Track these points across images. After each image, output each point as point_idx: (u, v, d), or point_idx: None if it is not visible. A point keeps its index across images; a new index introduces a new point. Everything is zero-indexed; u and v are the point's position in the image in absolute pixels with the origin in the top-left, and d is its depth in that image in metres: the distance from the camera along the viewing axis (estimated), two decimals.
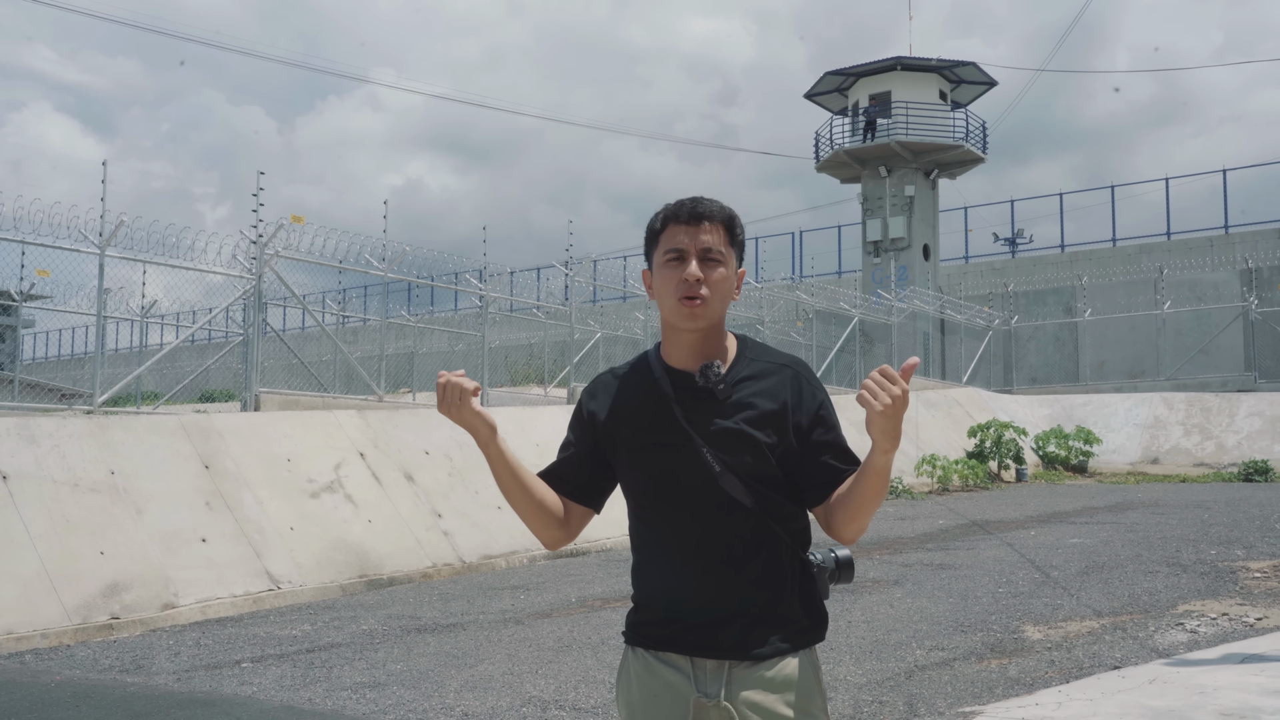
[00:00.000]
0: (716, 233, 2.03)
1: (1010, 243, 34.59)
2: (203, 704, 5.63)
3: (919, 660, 6.24)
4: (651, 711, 2.04)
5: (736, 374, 2.06)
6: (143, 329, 20.14)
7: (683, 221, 2.03)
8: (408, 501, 10.52)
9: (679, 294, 2.01)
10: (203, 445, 9.47)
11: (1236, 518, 12.15)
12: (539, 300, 18.22)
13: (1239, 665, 5.76)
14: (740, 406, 2.02)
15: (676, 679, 2.02)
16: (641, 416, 2.07)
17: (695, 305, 2.00)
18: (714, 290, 2.02)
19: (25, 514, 7.87)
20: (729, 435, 2.00)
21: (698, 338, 2.05)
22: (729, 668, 1.99)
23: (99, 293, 11.41)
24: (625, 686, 2.11)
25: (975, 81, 30.97)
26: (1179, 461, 20.10)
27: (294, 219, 12.40)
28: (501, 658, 6.60)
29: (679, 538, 2.03)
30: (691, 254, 2.02)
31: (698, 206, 2.04)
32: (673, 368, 2.08)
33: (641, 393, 2.09)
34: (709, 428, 2.01)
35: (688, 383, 2.05)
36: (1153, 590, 8.11)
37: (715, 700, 1.98)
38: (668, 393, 2.05)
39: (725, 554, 2.01)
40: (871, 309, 23.85)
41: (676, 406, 2.04)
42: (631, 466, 2.08)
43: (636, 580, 2.13)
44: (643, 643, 2.08)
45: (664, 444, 2.03)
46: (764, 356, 2.11)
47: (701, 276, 2.00)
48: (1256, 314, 24.63)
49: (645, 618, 2.08)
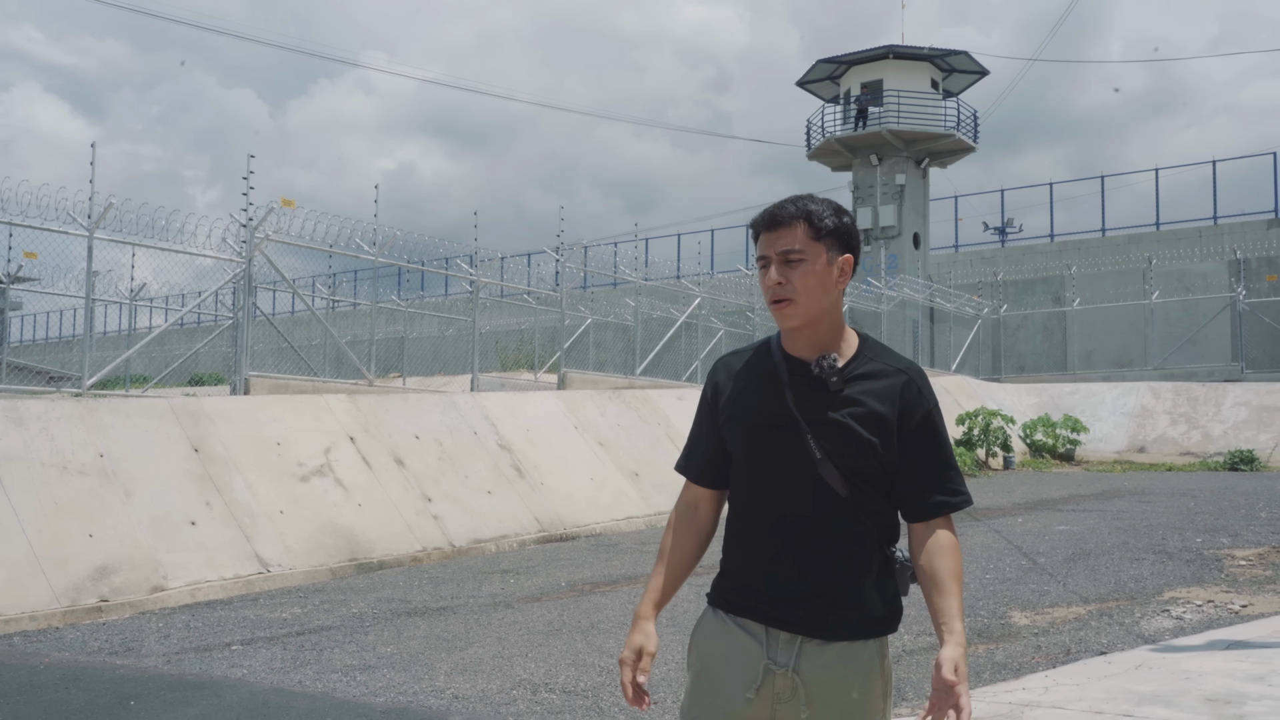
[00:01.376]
0: (794, 233, 2.13)
1: (1000, 232, 34.67)
2: (193, 686, 5.64)
3: (906, 645, 6.28)
4: (721, 669, 2.16)
5: (852, 370, 2.16)
6: (131, 312, 20.05)
7: (764, 229, 2.18)
8: (398, 485, 10.52)
9: (768, 298, 2.16)
10: (192, 428, 9.44)
11: (1222, 506, 12.24)
12: (530, 286, 18.19)
13: (1224, 651, 5.81)
14: (850, 402, 2.12)
15: (749, 644, 2.14)
16: (756, 397, 2.19)
17: (782, 306, 2.13)
18: (799, 288, 2.12)
19: (13, 497, 7.84)
20: (835, 427, 2.11)
21: (806, 331, 2.17)
22: (800, 642, 2.10)
23: (88, 275, 11.35)
24: (700, 640, 2.24)
25: (967, 71, 30.97)
26: (1165, 450, 20.21)
27: (284, 203, 12.34)
28: (491, 641, 6.62)
29: (771, 515, 2.14)
30: (772, 259, 2.15)
31: (775, 212, 2.16)
32: (791, 355, 2.20)
33: (760, 375, 2.21)
34: (817, 416, 2.12)
35: (803, 370, 2.17)
36: (1139, 577, 8.17)
37: (784, 669, 2.09)
38: (783, 377, 2.17)
39: (813, 537, 2.11)
40: (861, 297, 23.88)
41: (789, 391, 2.15)
42: (739, 443, 2.20)
43: (727, 549, 2.25)
44: (724, 605, 2.21)
45: (772, 425, 2.14)
46: (882, 358, 2.20)
47: (782, 280, 2.12)
48: (1244, 304, 24.75)
49: (729, 584, 2.21)
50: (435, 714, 5.08)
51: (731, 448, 2.22)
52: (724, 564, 2.25)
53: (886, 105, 29.41)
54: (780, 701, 2.09)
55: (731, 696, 2.12)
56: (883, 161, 29.96)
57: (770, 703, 2.10)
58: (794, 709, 2.08)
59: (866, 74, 30.07)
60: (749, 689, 2.10)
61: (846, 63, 30.42)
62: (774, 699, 2.09)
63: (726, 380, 2.26)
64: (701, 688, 2.19)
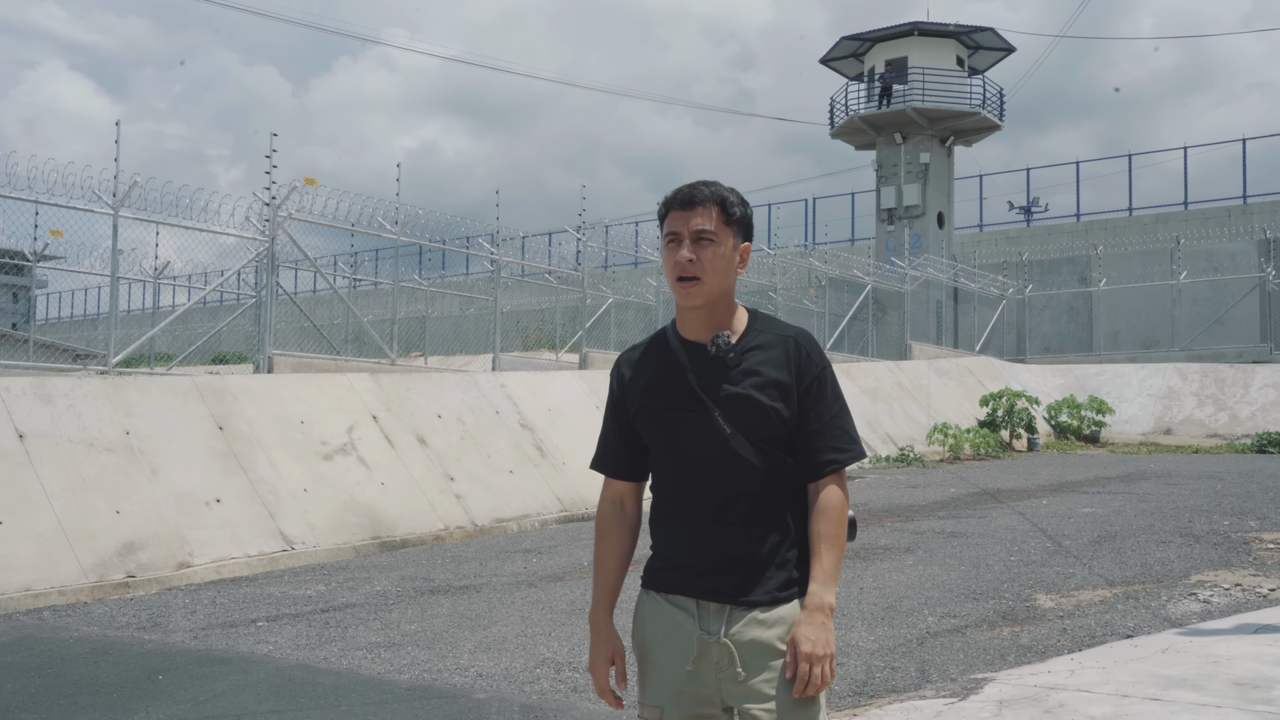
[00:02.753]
0: (708, 214, 2.22)
1: (1025, 211, 34.32)
2: (219, 661, 5.68)
3: (931, 627, 6.25)
4: (662, 646, 2.26)
5: (746, 343, 2.25)
6: (155, 290, 20.18)
7: (678, 207, 2.24)
8: (420, 464, 10.55)
9: (675, 274, 2.22)
10: (216, 406, 9.50)
11: (1250, 489, 12.11)
12: (551, 265, 18.17)
13: (1252, 635, 5.75)
14: (748, 374, 2.21)
15: (683, 619, 2.24)
16: (661, 385, 2.27)
17: (690, 285, 2.21)
18: (707, 268, 2.20)
19: (42, 473, 7.92)
20: (738, 400, 2.19)
21: (704, 312, 2.25)
22: (729, 610, 2.20)
23: (113, 253, 11.41)
24: (639, 625, 2.34)
25: (993, 48, 30.60)
26: (1192, 432, 20.03)
27: (307, 181, 12.36)
28: (515, 619, 6.64)
29: (691, 493, 2.24)
30: (685, 237, 2.22)
31: (691, 192, 2.24)
32: (687, 340, 2.28)
33: (660, 364, 2.29)
34: (719, 393, 2.20)
35: (701, 352, 2.25)
36: (1165, 560, 8.10)
37: (716, 637, 2.18)
38: (683, 362, 2.25)
39: (733, 509, 2.20)
40: (885, 277, 23.73)
41: (691, 375, 2.23)
42: (652, 430, 2.28)
43: (654, 531, 2.35)
44: (656, 586, 2.31)
45: (681, 409, 2.23)
46: (771, 328, 2.29)
47: (693, 258, 2.20)
48: (1273, 284, 24.44)
49: (660, 564, 2.31)
50: (459, 691, 5.10)
51: (646, 437, 2.30)
52: (654, 546, 2.34)
53: (911, 83, 29.11)
54: (720, 670, 2.18)
55: (676, 672, 2.22)
56: (907, 140, 29.69)
57: (713, 672, 2.18)
58: (731, 674, 2.17)
59: (891, 51, 29.75)
60: (687, 661, 2.20)
61: (871, 40, 30.11)
62: (715, 669, 2.18)
63: (630, 373, 2.34)
64: (649, 670, 2.28)
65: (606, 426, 2.42)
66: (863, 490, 13.28)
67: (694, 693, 2.21)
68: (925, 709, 4.53)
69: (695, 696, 2.21)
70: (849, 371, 18.53)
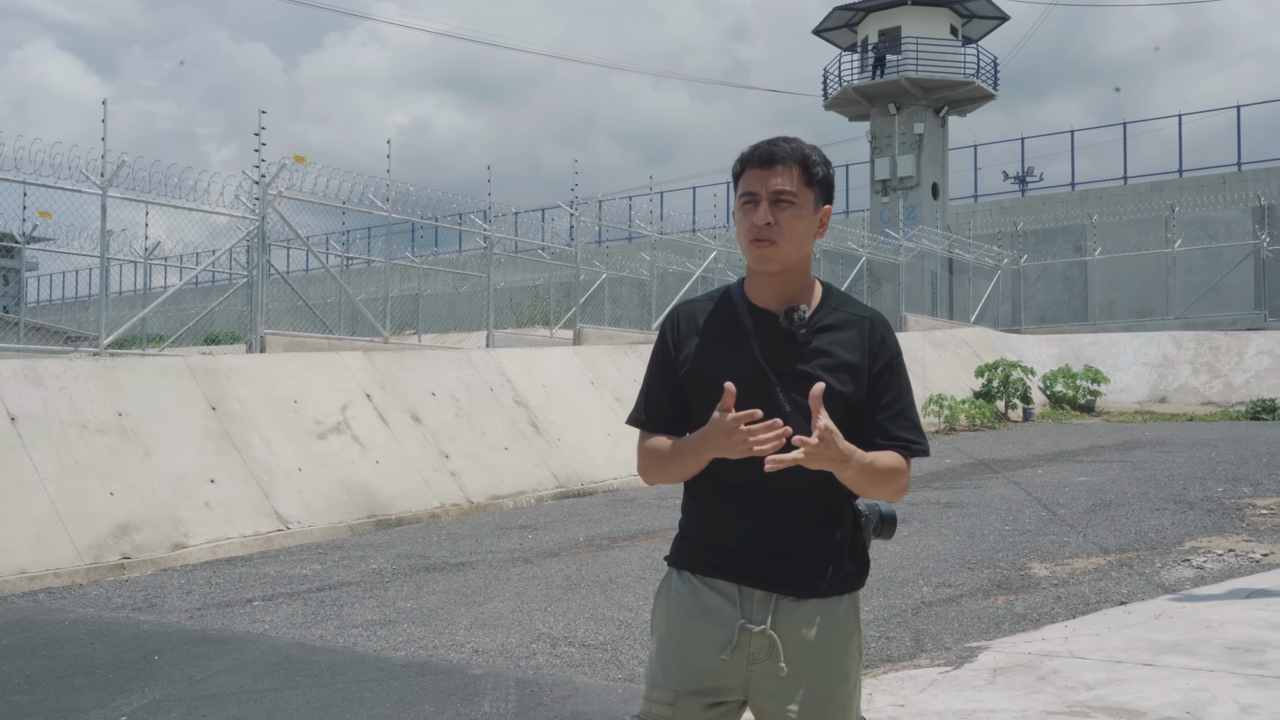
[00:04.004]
0: (789, 174, 2.06)
1: (1020, 181, 34.25)
2: (215, 641, 5.69)
3: (926, 597, 6.27)
4: (690, 630, 2.09)
5: (819, 321, 2.09)
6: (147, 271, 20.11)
7: (755, 165, 2.08)
8: (415, 442, 10.54)
9: (750, 236, 2.06)
10: (209, 387, 9.47)
11: (1244, 455, 12.14)
12: (544, 241, 18.09)
13: (1245, 600, 5.78)
14: (819, 353, 2.06)
15: (721, 604, 2.07)
16: (720, 348, 2.09)
17: (765, 247, 2.04)
18: (786, 231, 2.05)
19: (35, 455, 7.90)
20: (804, 379, 2.02)
21: (778, 279, 2.09)
22: (775, 600, 2.05)
23: (102, 234, 11.35)
24: (664, 603, 2.16)
25: (987, 16, 30.40)
26: (1187, 400, 20.06)
27: (296, 159, 12.27)
28: (510, 596, 6.65)
29: (740, 473, 2.03)
30: (763, 197, 2.05)
31: (771, 149, 2.07)
32: (755, 305, 2.12)
33: (723, 325, 2.12)
34: (785, 369, 2.05)
35: (769, 322, 2.09)
36: (1159, 527, 8.13)
37: (761, 628, 2.03)
38: (748, 328, 2.09)
39: (784, 493, 2.04)
40: (879, 248, 23.67)
41: (756, 343, 2.07)
42: (704, 395, 2.07)
43: (691, 511, 2.17)
44: (690, 567, 2.13)
45: (739, 377, 2.02)
46: (846, 307, 2.14)
47: (771, 220, 2.04)
48: (1268, 252, 24.42)
49: (695, 544, 2.13)
50: (455, 667, 5.11)
51: (694, 401, 2.11)
52: (685, 525, 2.18)
53: (904, 53, 28.94)
54: (756, 661, 2.04)
55: (704, 658, 2.06)
56: (901, 110, 29.55)
57: (746, 663, 2.04)
58: (771, 667, 2.03)
59: (884, 21, 29.55)
60: (723, 649, 2.04)
61: (864, 9, 29.90)
62: (749, 658, 2.04)
63: (688, 330, 2.15)
64: (669, 650, 2.11)
65: (650, 380, 2.19)
66: None
67: (716, 683, 2.06)
68: (920, 678, 4.55)
69: (717, 686, 2.06)
70: None
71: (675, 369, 2.15)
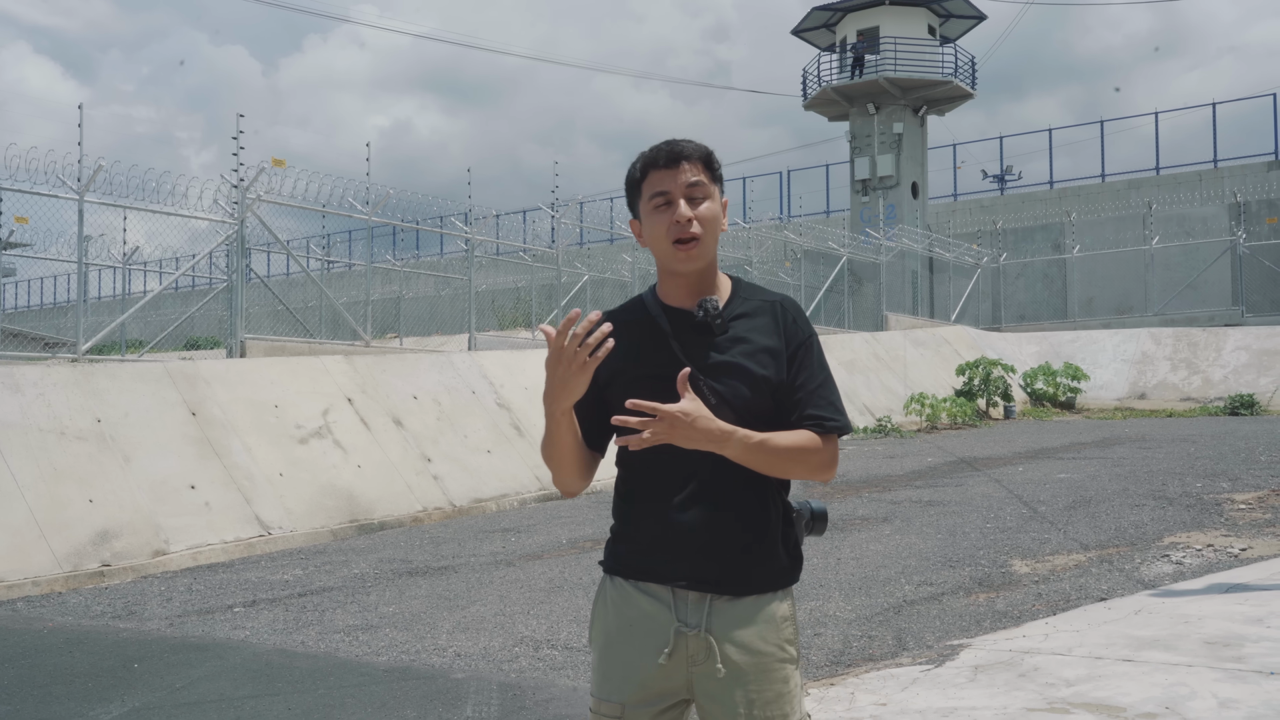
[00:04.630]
0: (697, 169, 2.07)
1: (999, 180, 34.43)
2: (195, 648, 5.65)
3: (908, 595, 6.29)
4: (627, 639, 2.08)
5: (732, 310, 2.10)
6: (125, 276, 19.95)
7: (662, 165, 2.07)
8: (397, 446, 10.51)
9: (672, 237, 2.04)
10: (189, 392, 9.41)
11: (1222, 451, 12.24)
12: (525, 243, 18.08)
13: (1224, 595, 5.82)
14: (736, 341, 2.07)
15: (655, 608, 2.05)
16: (640, 352, 2.09)
17: (691, 247, 2.05)
18: (705, 227, 2.06)
19: (12, 463, 7.83)
20: (725, 368, 2.04)
21: (692, 278, 2.10)
22: (710, 600, 2.03)
23: (79, 239, 11.26)
24: (601, 614, 2.15)
25: (964, 16, 30.57)
26: (1166, 396, 20.22)
27: (275, 162, 12.22)
28: (493, 599, 6.63)
29: (670, 470, 2.03)
30: (678, 195, 2.05)
31: (674, 148, 2.07)
32: (669, 306, 2.12)
33: (639, 330, 2.11)
34: (706, 361, 2.05)
35: (685, 319, 2.09)
36: (1139, 523, 8.18)
37: (696, 630, 2.02)
38: (665, 329, 2.09)
39: (714, 489, 2.03)
40: (860, 248, 23.75)
41: (674, 341, 2.07)
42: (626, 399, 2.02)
43: (621, 512, 2.15)
44: (623, 572, 2.11)
45: (660, 376, 2.02)
46: (756, 295, 2.16)
47: (692, 215, 2.04)
48: (1244, 248, 24.64)
49: (627, 548, 2.11)
50: (438, 672, 5.10)
51: (616, 408, 2.02)
52: (617, 528, 2.16)
53: (883, 53, 29.06)
54: (695, 663, 2.02)
55: (645, 666, 2.04)
56: (880, 110, 29.66)
57: (685, 665, 2.03)
58: (709, 669, 2.02)
59: (862, 21, 29.67)
60: (660, 654, 2.03)
61: (842, 10, 30.01)
62: (689, 661, 2.03)
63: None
64: (610, 661, 2.10)
65: None
66: (840, 462, 13.30)
67: (661, 687, 2.05)
68: (901, 676, 4.56)
69: (662, 691, 2.05)
70: (825, 344, 18.46)
71: (597, 379, 2.08)
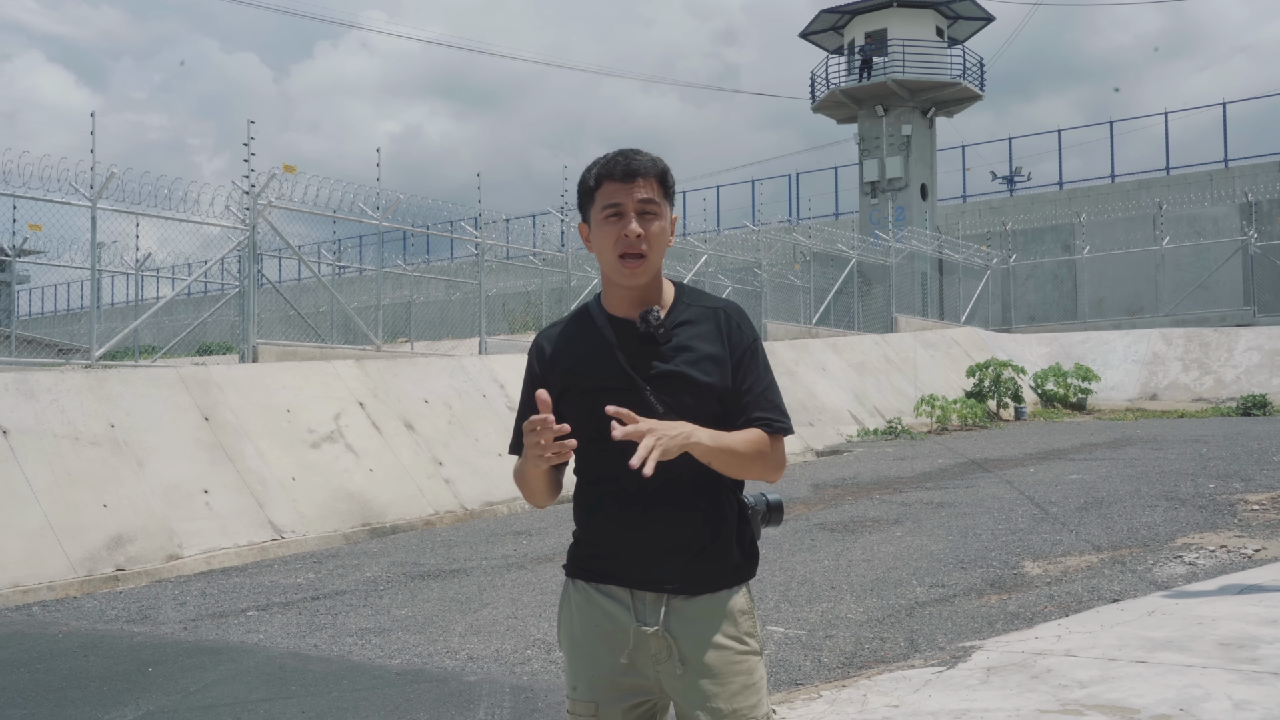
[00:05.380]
0: (650, 187, 2.08)
1: (1008, 181, 34.36)
2: (209, 652, 5.68)
3: (919, 597, 6.28)
4: (593, 641, 2.14)
5: (674, 319, 2.13)
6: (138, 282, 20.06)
7: (618, 179, 2.08)
8: (408, 450, 10.54)
9: (619, 250, 2.07)
10: (202, 397, 9.46)
11: (1235, 451, 12.20)
12: (535, 247, 18.11)
13: (1237, 596, 5.80)
14: (680, 350, 2.10)
15: (616, 610, 2.11)
16: (586, 364, 2.12)
17: (637, 264, 2.07)
18: (653, 244, 2.08)
19: (27, 468, 7.88)
20: (670, 377, 2.07)
21: (637, 290, 2.13)
22: (667, 599, 2.09)
23: (92, 246, 11.33)
24: (567, 618, 2.21)
25: (973, 17, 30.52)
26: (1178, 397, 20.14)
27: (285, 168, 12.27)
28: (505, 602, 6.65)
29: (623, 478, 2.02)
30: (629, 210, 2.07)
31: (631, 163, 2.08)
32: (614, 316, 2.15)
33: (585, 342, 2.15)
34: (650, 371, 2.08)
35: (629, 329, 2.12)
36: (1151, 524, 8.16)
37: (654, 629, 2.07)
38: (610, 340, 2.12)
39: (668, 493, 2.07)
40: (869, 250, 23.73)
41: (619, 352, 2.10)
42: (578, 412, 2.09)
43: (581, 517, 2.21)
44: (584, 575, 2.17)
45: (608, 388, 2.07)
46: (699, 301, 2.18)
47: (642, 232, 2.06)
48: (1256, 248, 24.54)
49: (588, 552, 2.17)
50: (450, 675, 5.11)
51: (571, 420, 2.04)
52: (578, 534, 2.22)
53: (891, 55, 29.03)
54: (658, 661, 2.08)
55: (609, 664, 2.11)
56: (888, 112, 29.64)
57: (650, 664, 2.09)
58: (670, 667, 2.07)
59: (870, 23, 29.65)
60: (622, 654, 2.09)
61: (850, 12, 30.00)
62: (652, 660, 2.08)
63: (554, 354, 2.18)
64: (579, 662, 2.16)
65: (523, 409, 2.19)
66: (851, 464, 13.33)
67: (629, 684, 2.11)
68: (913, 678, 4.56)
69: (631, 688, 2.11)
70: (835, 346, 18.56)
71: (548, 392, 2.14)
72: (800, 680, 4.79)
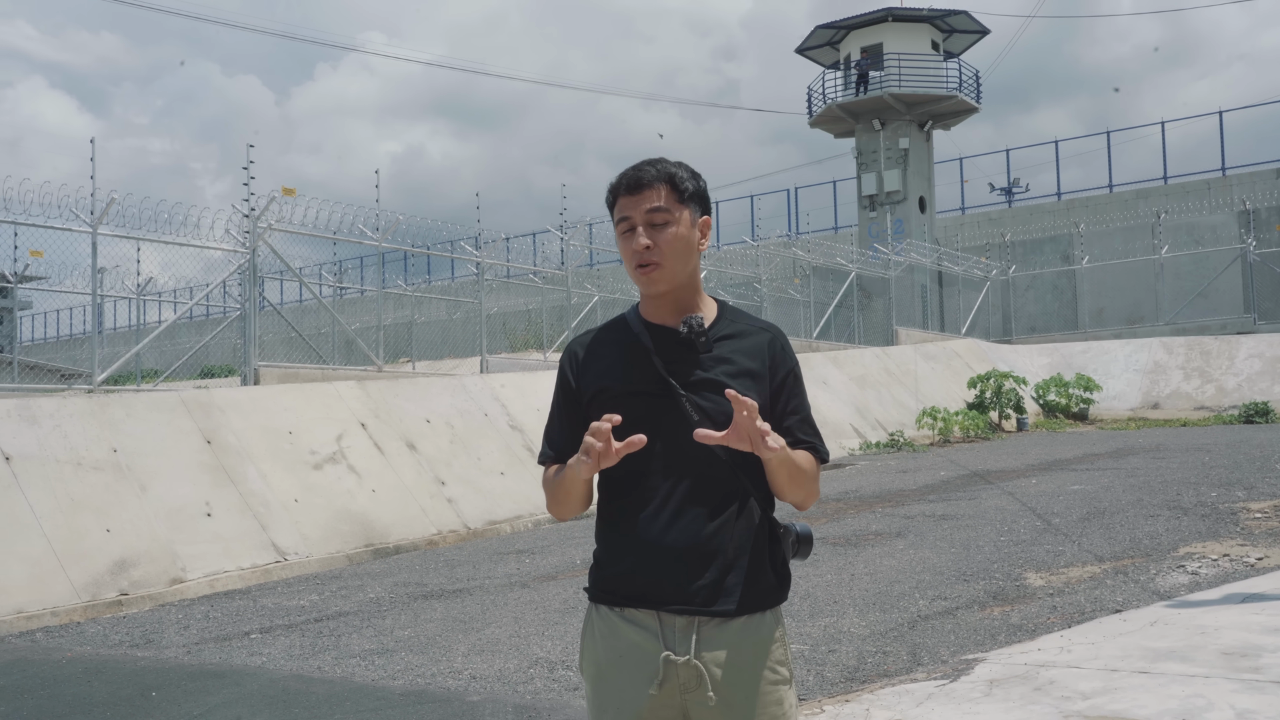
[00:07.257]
0: (659, 194, 2.08)
1: (1007, 192, 34.44)
2: (213, 675, 5.68)
3: (922, 610, 6.28)
4: (618, 671, 2.06)
5: (717, 332, 2.11)
6: (140, 307, 20.11)
7: (625, 192, 2.10)
8: (411, 470, 10.55)
9: (634, 262, 2.08)
10: (204, 420, 9.48)
11: (1237, 459, 12.19)
12: (535, 265, 18.17)
13: (1240, 605, 5.80)
14: (720, 360, 2.07)
15: (643, 638, 2.03)
16: (622, 369, 2.09)
17: (651, 271, 2.07)
18: (666, 251, 2.06)
19: (30, 494, 7.90)
20: (708, 386, 2.04)
21: (669, 297, 2.11)
22: (698, 625, 2.01)
23: (93, 272, 11.38)
24: (590, 647, 2.14)
25: (968, 31, 30.66)
26: (1179, 405, 20.13)
27: (285, 191, 12.33)
28: (508, 621, 6.65)
29: (655, 489, 2.02)
30: (638, 221, 2.07)
31: (638, 174, 2.09)
32: (651, 323, 2.13)
33: (622, 348, 2.13)
34: (689, 378, 2.05)
35: (668, 336, 2.10)
36: (1154, 534, 8.15)
37: (685, 658, 1.99)
38: (648, 345, 2.09)
39: (698, 507, 2.02)
40: (868, 263, 23.78)
41: (657, 358, 2.07)
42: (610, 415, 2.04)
43: (605, 534, 2.13)
44: (608, 600, 2.09)
45: (643, 393, 2.04)
46: (744, 320, 2.17)
47: (650, 243, 2.06)
48: (1255, 255, 24.57)
49: (613, 572, 2.09)
50: (453, 695, 5.11)
51: None
52: (600, 553, 2.14)
53: (887, 69, 29.16)
54: (687, 690, 2.00)
55: (637, 697, 2.02)
56: (885, 126, 29.74)
57: (678, 693, 2.01)
58: (700, 696, 2.00)
59: (866, 38, 29.80)
60: (651, 684, 2.01)
61: (845, 27, 30.15)
62: (680, 689, 2.01)
63: (587, 359, 2.15)
64: (603, 693, 2.09)
65: (554, 417, 2.18)
66: (853, 477, 13.32)
67: (656, 716, 2.03)
68: (916, 691, 4.56)
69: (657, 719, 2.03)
70: (836, 359, 18.57)
71: (579, 400, 2.14)
72: (803, 695, 4.79)
